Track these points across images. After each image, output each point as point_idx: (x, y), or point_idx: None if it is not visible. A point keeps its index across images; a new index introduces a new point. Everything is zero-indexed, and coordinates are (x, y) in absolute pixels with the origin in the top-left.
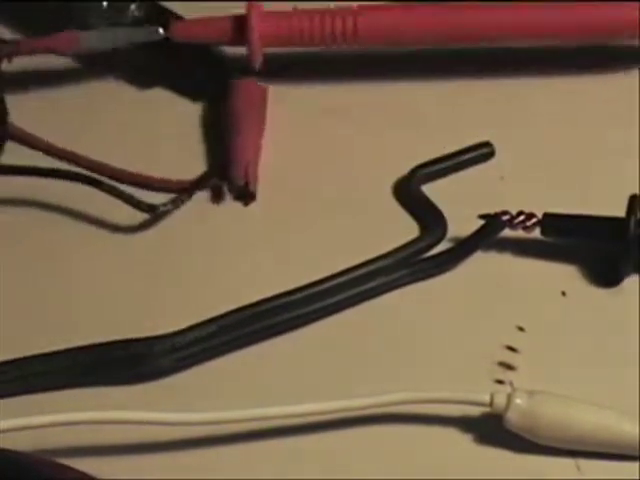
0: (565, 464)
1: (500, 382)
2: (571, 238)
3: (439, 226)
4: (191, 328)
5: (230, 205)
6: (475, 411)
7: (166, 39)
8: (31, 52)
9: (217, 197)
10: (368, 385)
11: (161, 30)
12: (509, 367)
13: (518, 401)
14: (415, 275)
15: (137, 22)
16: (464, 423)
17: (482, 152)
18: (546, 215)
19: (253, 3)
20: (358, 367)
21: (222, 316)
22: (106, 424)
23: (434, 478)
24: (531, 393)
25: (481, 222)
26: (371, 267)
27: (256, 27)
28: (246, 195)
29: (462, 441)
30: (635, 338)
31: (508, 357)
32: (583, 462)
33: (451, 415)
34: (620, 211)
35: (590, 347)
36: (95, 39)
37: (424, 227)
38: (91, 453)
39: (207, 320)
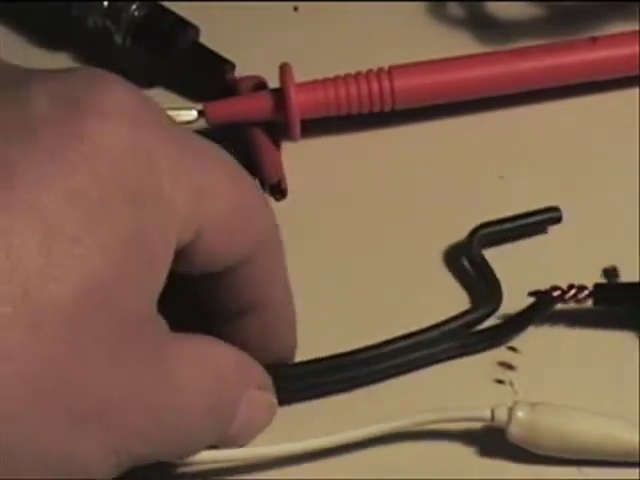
0: (568, 473)
1: (500, 382)
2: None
3: (494, 297)
4: None
5: None
6: (477, 425)
7: (169, 41)
8: None
9: None
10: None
11: (195, 112)
12: (509, 367)
13: (520, 414)
14: (462, 349)
15: (138, 22)
16: (466, 438)
17: (549, 216)
18: (597, 286)
19: (288, 76)
20: None
21: None
22: None
23: None
24: (532, 405)
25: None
26: (415, 339)
27: (294, 101)
28: (278, 192)
29: (465, 455)
30: (635, 339)
31: (508, 357)
32: (586, 469)
33: (453, 430)
34: (622, 211)
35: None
36: None
37: (476, 297)
38: None
39: None
